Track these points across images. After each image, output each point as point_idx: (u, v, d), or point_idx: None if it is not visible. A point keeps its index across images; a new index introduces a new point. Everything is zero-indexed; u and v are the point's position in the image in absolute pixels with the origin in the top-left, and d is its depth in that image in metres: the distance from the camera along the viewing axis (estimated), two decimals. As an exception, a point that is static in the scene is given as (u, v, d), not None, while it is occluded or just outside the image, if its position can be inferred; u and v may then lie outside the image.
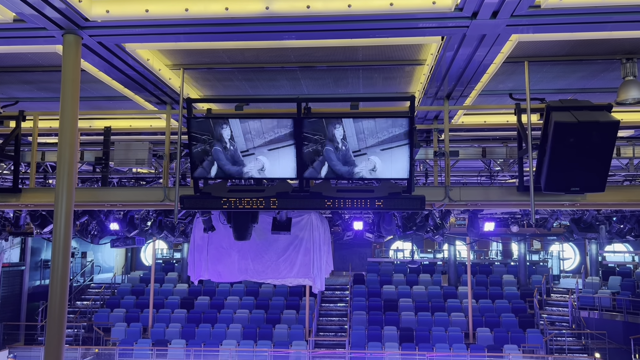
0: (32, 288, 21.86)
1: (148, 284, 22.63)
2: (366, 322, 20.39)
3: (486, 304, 21.16)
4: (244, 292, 22.71)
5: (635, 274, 22.44)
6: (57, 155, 5.63)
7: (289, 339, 19.17)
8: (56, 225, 5.69)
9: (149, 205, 9.01)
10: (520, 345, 18.34)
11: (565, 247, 28.37)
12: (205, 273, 12.35)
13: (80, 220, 11.41)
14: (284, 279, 12.40)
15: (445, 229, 12.49)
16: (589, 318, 20.43)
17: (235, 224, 9.41)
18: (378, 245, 29.10)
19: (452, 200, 7.30)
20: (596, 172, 6.17)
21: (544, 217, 14.68)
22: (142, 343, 18.65)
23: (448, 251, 24.25)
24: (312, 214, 12.04)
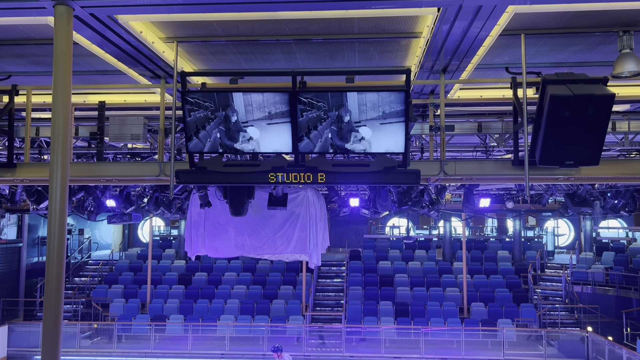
0: (30, 265, 21.96)
1: (145, 261, 22.76)
2: (362, 297, 20.62)
3: (481, 280, 21.39)
4: (241, 268, 22.90)
5: (628, 249, 22.67)
6: (51, 129, 5.59)
7: (286, 314, 19.40)
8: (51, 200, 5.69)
9: (145, 181, 9.00)
10: (514, 319, 18.61)
11: (560, 224, 28.59)
12: (203, 249, 12.42)
13: (77, 196, 11.41)
14: (280, 254, 12.49)
15: (440, 205, 12.56)
16: (582, 293, 20.70)
17: (231, 199, 9.44)
18: (374, 222, 29.27)
19: (448, 174, 7.33)
20: (591, 145, 6.18)
21: (539, 192, 14.77)
22: (140, 318, 18.84)
23: (443, 227, 24.40)
24: (308, 190, 12.08)
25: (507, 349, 16.65)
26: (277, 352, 11.65)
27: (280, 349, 11.74)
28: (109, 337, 17.76)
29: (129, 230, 28.89)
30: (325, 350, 17.13)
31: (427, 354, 16.57)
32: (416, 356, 16.56)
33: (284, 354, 11.69)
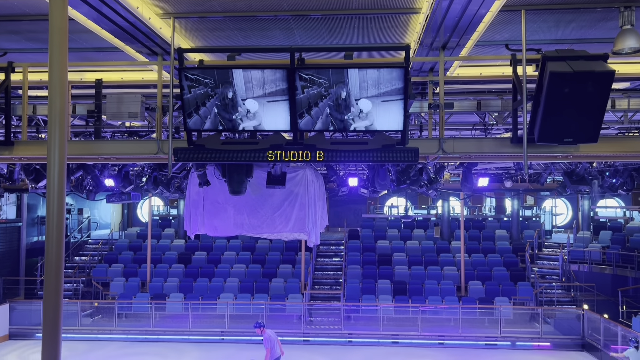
0: (30, 244, 22.05)
1: (145, 240, 22.85)
2: (360, 276, 20.76)
3: (478, 258, 21.54)
4: (241, 248, 23.01)
5: (625, 228, 22.78)
6: (48, 107, 5.57)
7: (285, 292, 19.55)
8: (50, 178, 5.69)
9: (143, 159, 9.00)
10: (510, 297, 18.78)
11: (558, 203, 28.69)
12: (202, 227, 12.45)
13: (75, 175, 11.39)
14: (279, 233, 12.53)
15: (439, 184, 12.56)
16: (579, 271, 20.87)
17: (230, 178, 9.43)
18: (373, 202, 29.33)
19: (446, 152, 7.33)
20: (590, 123, 6.18)
21: (537, 172, 14.77)
22: (140, 297, 18.99)
23: (442, 207, 24.47)
24: (306, 170, 12.07)
25: (504, 326, 16.84)
26: (259, 327, 11.80)
27: (262, 324, 11.91)
28: (110, 316, 17.92)
29: (128, 209, 28.94)
30: (324, 328, 17.31)
31: (424, 332, 16.77)
32: (414, 333, 16.75)
33: (267, 330, 11.84)
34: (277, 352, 11.78)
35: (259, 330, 11.82)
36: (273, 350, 11.67)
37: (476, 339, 16.50)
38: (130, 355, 15.29)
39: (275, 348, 11.76)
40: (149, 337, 16.98)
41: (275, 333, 12.26)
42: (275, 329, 17.24)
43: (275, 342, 11.78)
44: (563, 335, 16.54)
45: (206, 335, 16.82)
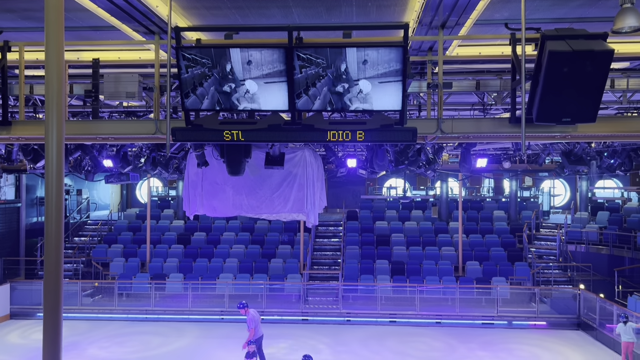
0: (29, 225, 22.12)
1: (144, 221, 22.93)
2: (359, 256, 20.90)
3: (476, 239, 21.66)
4: (240, 228, 23.11)
5: (623, 209, 22.88)
6: (45, 86, 5.54)
7: (284, 273, 19.70)
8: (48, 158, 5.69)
9: (141, 139, 8.98)
10: (508, 277, 18.94)
11: (556, 184, 28.76)
12: (201, 208, 12.49)
13: (73, 155, 11.39)
14: (278, 214, 12.57)
15: (437, 164, 12.57)
16: (576, 252, 21.02)
17: (228, 158, 9.44)
18: (371, 183, 29.39)
19: (444, 132, 7.32)
20: (588, 102, 6.16)
21: (535, 152, 14.78)
22: (140, 277, 19.12)
23: (440, 188, 24.52)
24: (305, 151, 12.07)
25: (501, 306, 17.03)
26: (243, 307, 11.92)
27: (246, 305, 12.02)
28: (110, 295, 18.07)
29: (127, 191, 28.98)
30: (323, 308, 17.49)
31: (422, 311, 16.95)
32: (411, 313, 16.93)
33: (250, 309, 11.96)
34: (260, 331, 11.91)
35: (243, 310, 11.92)
36: (256, 330, 11.81)
37: (473, 318, 16.69)
38: (131, 334, 15.47)
39: (258, 328, 11.89)
40: (149, 317, 17.16)
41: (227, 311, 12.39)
42: (274, 308, 17.51)
43: (258, 322, 11.91)
44: (559, 314, 16.73)
45: (206, 314, 16.98)
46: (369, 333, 15.64)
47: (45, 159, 5.75)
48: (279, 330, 15.86)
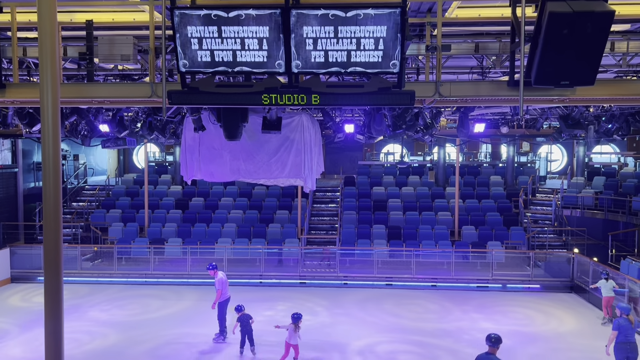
0: (27, 190, 22.15)
1: (142, 186, 22.98)
2: (356, 221, 21.07)
3: (472, 204, 21.81)
4: (238, 194, 23.20)
5: (619, 174, 22.99)
6: (39, 48, 5.48)
7: (282, 237, 19.88)
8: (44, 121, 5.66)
9: (137, 102, 8.92)
10: (503, 241, 19.16)
11: (554, 149, 28.79)
12: (198, 173, 12.50)
13: (69, 120, 11.32)
14: (275, 179, 12.60)
15: (435, 129, 12.55)
16: (571, 216, 21.22)
17: (225, 123, 9.40)
18: (369, 149, 29.39)
19: (443, 95, 7.29)
20: (587, 64, 6.12)
21: (533, 117, 14.75)
22: (139, 242, 19.28)
23: (437, 153, 24.54)
24: (302, 115, 12.01)
25: (496, 269, 17.27)
26: (213, 269, 12.01)
27: (215, 266, 12.11)
28: (109, 260, 18.24)
29: (124, 156, 28.92)
30: (320, 271, 17.72)
31: (418, 275, 17.18)
32: (407, 276, 17.17)
33: (219, 272, 12.06)
34: (227, 294, 12.04)
35: (212, 272, 11.98)
36: (223, 292, 11.93)
37: (468, 281, 16.94)
38: (131, 297, 15.69)
39: (226, 290, 12.01)
40: (149, 280, 17.36)
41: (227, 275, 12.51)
42: (273, 272, 17.73)
43: (225, 285, 12.01)
44: (553, 277, 16.98)
45: (205, 278, 17.14)
46: (365, 296, 15.89)
47: (41, 122, 5.73)
48: (277, 293, 16.11)
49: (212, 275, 12.03)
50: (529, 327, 13.05)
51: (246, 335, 11.18)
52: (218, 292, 11.78)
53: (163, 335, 12.28)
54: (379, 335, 12.54)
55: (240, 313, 11.18)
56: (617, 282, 13.61)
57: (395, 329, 12.92)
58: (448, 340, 12.18)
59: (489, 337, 7.48)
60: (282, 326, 10.41)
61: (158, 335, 12.37)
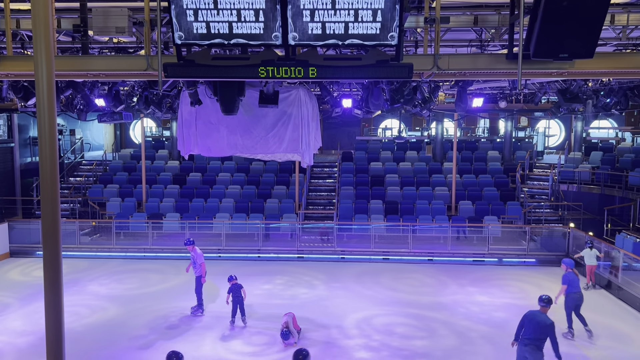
0: (23, 165, 22.10)
1: (139, 161, 22.94)
2: (353, 196, 21.13)
3: (470, 179, 21.86)
4: (235, 169, 23.19)
5: (616, 149, 23.02)
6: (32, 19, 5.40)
7: (280, 212, 19.96)
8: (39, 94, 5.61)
9: (133, 75, 8.84)
10: (499, 216, 19.28)
11: (552, 124, 28.76)
12: (195, 148, 12.47)
13: (65, 94, 11.22)
14: (273, 154, 12.57)
15: (433, 103, 12.49)
16: (568, 191, 21.30)
17: (221, 96, 9.34)
18: (367, 124, 29.30)
19: (441, 69, 7.24)
20: (586, 37, 6.08)
21: (532, 91, 14.68)
22: (137, 217, 19.34)
23: (435, 129, 24.50)
24: (300, 90, 11.93)
25: (492, 244, 17.40)
26: (191, 244, 12.04)
27: (192, 242, 12.14)
28: (108, 235, 18.32)
29: (121, 131, 28.81)
30: (318, 246, 17.83)
31: (414, 249, 17.32)
32: (404, 250, 17.31)
33: (196, 247, 12.09)
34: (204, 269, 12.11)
35: (191, 247, 11.99)
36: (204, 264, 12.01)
37: (464, 255, 17.09)
38: (130, 272, 15.80)
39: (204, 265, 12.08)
40: (148, 255, 17.48)
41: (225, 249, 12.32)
42: (271, 247, 17.85)
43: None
44: (548, 252, 17.14)
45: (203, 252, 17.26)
46: (362, 270, 16.04)
47: (36, 95, 5.67)
48: (275, 267, 16.25)
49: (190, 250, 12.01)
50: (523, 300, 13.21)
51: (237, 304, 11.35)
52: (203, 265, 11.88)
53: (162, 309, 12.41)
54: (375, 308, 12.70)
55: (232, 282, 11.33)
56: (585, 241, 14.80)
57: (392, 302, 13.08)
58: (444, 313, 12.35)
59: (541, 298, 8.18)
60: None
61: (157, 309, 12.50)
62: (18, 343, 10.56)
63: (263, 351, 10.16)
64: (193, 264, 11.99)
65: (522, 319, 8.06)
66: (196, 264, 11.85)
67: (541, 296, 8.20)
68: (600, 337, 10.83)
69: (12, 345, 10.48)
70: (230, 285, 11.30)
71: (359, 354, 10.04)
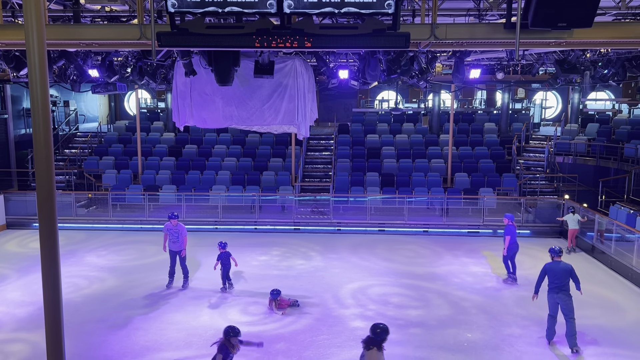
0: (18, 137, 21.95)
1: (134, 133, 22.82)
2: (349, 169, 21.14)
3: (466, 151, 21.87)
4: (231, 141, 23.11)
5: (613, 120, 22.99)
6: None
7: (276, 185, 19.97)
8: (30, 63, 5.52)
9: (126, 45, 8.70)
10: (495, 188, 19.35)
11: (549, 96, 28.65)
12: (190, 119, 12.40)
13: (57, 64, 11.08)
14: (269, 125, 12.52)
15: (430, 74, 12.40)
16: (563, 163, 21.37)
17: (216, 67, 9.24)
18: (363, 96, 29.12)
19: (438, 38, 7.16)
20: (585, 6, 6.00)
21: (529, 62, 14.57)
22: (133, 189, 19.32)
23: (432, 100, 24.37)
24: (295, 60, 11.81)
25: (487, 215, 17.50)
26: (175, 218, 12.00)
27: (176, 216, 12.11)
28: (104, 206, 18.34)
29: (115, 102, 28.57)
30: (314, 218, 17.91)
31: (410, 221, 17.42)
32: (400, 222, 17.41)
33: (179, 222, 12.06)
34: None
35: (175, 220, 11.97)
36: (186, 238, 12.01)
37: (459, 227, 17.21)
38: (127, 243, 15.87)
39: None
40: (144, 227, 17.52)
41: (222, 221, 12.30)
42: (267, 219, 17.92)
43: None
44: (543, 223, 17.27)
45: (200, 224, 17.36)
46: (358, 241, 16.15)
47: (28, 64, 5.59)
48: (271, 239, 16.34)
49: (175, 224, 11.80)
50: (517, 271, 13.37)
51: (227, 271, 11.67)
52: (185, 238, 11.86)
53: (159, 280, 12.51)
54: (371, 278, 12.84)
55: (222, 250, 11.58)
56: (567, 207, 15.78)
57: (387, 273, 13.21)
58: (438, 283, 12.49)
59: (555, 250, 9.02)
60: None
61: (154, 280, 12.60)
62: (17, 313, 10.66)
63: (260, 320, 10.29)
64: (175, 239, 11.86)
65: (541, 272, 8.99)
66: (180, 238, 11.83)
67: (553, 248, 9.03)
68: (591, 306, 11.01)
69: (12, 315, 10.58)
70: (220, 252, 11.61)
71: (355, 323, 10.18)
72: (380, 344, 6.04)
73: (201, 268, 13.16)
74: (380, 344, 6.05)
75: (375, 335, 6.11)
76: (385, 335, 6.13)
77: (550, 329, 9.16)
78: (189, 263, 12.47)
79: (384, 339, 6.11)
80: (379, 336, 6.10)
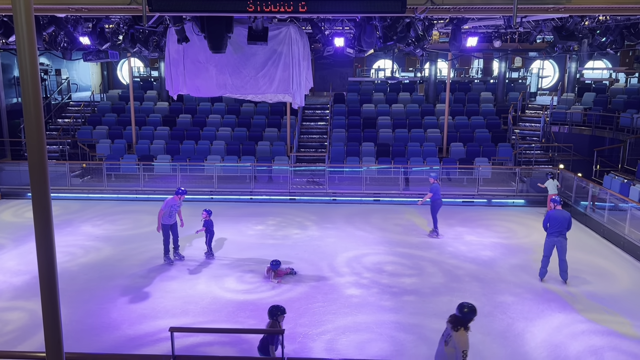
0: (9, 106, 21.69)
1: (127, 102, 22.58)
2: (345, 139, 21.05)
3: (462, 121, 21.79)
4: (225, 111, 22.93)
5: (609, 90, 22.89)
6: (5, -54, 5.11)
7: (272, 155, 19.91)
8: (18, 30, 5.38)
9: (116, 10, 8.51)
10: (490, 158, 19.36)
11: (546, 65, 28.42)
12: (184, 88, 12.22)
13: (47, 30, 10.85)
14: (263, 94, 12.36)
15: (426, 42, 12.22)
16: (559, 133, 21.35)
17: (209, 33, 9.07)
18: (359, 65, 28.82)
19: (435, 4, 7.02)
20: (586, -31, 5.88)
21: (527, 30, 14.38)
22: (127, 158, 19.23)
23: (429, 69, 24.14)
24: (290, 27, 11.59)
25: (482, 185, 17.56)
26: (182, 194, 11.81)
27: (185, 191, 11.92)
28: (99, 176, 18.27)
29: (108, 71, 28.19)
30: (310, 188, 17.92)
31: (405, 190, 17.45)
32: (394, 192, 17.45)
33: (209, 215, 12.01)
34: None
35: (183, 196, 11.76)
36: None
37: (454, 196, 17.25)
38: (123, 213, 15.88)
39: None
40: (139, 197, 17.51)
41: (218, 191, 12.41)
42: (263, 189, 17.92)
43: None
44: (537, 193, 17.34)
45: (196, 194, 17.35)
46: (353, 211, 16.20)
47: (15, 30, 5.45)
48: (267, 209, 16.38)
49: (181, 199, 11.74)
50: (510, 240, 13.49)
51: (211, 238, 11.98)
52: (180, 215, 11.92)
53: (155, 249, 12.55)
54: (366, 247, 12.92)
55: (208, 217, 11.81)
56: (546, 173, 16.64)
57: (382, 242, 13.30)
58: (432, 252, 12.60)
59: (556, 200, 10.51)
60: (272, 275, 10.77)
61: (150, 249, 12.64)
62: (14, 282, 10.71)
63: (256, 289, 10.38)
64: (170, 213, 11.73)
65: (545, 219, 10.44)
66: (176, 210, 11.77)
67: (555, 198, 10.55)
68: (583, 273, 11.15)
69: (9, 283, 10.63)
70: (206, 219, 11.84)
71: (350, 290, 10.29)
72: (467, 324, 5.78)
73: (197, 238, 13.20)
74: (467, 324, 5.77)
75: (462, 315, 5.81)
76: (472, 315, 5.83)
77: (543, 268, 10.60)
78: (184, 233, 12.50)
79: (471, 319, 5.83)
80: (467, 316, 5.80)
